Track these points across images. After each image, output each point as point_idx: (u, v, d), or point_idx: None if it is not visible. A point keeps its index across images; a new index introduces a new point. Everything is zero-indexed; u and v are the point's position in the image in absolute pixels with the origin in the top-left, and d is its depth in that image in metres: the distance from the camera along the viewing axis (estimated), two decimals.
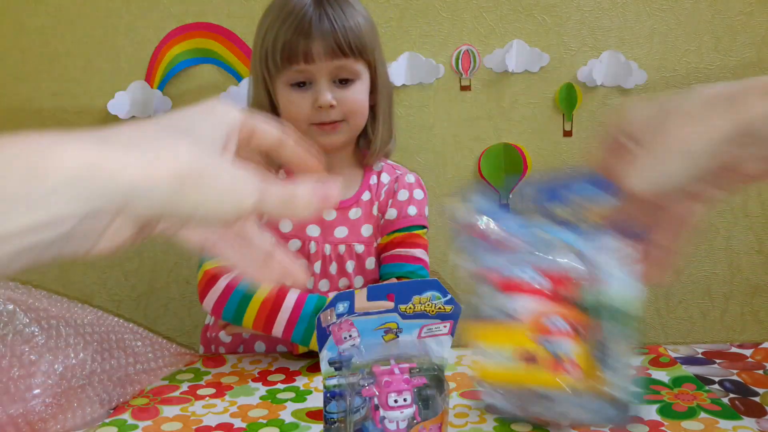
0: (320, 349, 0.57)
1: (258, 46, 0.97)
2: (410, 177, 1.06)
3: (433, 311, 0.59)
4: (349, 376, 0.56)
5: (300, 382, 0.83)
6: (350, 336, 0.57)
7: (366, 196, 1.02)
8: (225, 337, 1.04)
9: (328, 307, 0.56)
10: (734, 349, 0.88)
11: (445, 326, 0.59)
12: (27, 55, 1.48)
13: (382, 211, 1.02)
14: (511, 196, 0.47)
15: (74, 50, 1.48)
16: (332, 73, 0.93)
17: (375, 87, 0.99)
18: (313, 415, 0.73)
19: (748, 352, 0.87)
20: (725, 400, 0.74)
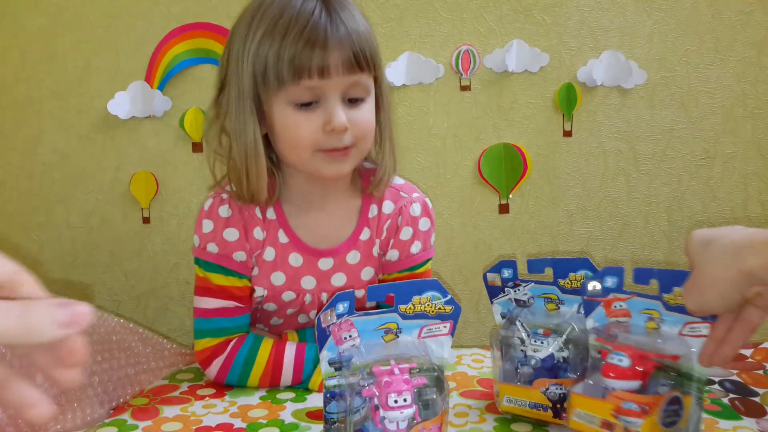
0: (320, 349, 0.57)
1: (244, 61, 0.79)
2: (416, 208, 0.90)
3: (433, 311, 0.59)
4: (349, 376, 0.56)
5: None
6: (350, 336, 0.57)
7: (365, 235, 0.89)
8: None
9: (328, 308, 0.56)
10: None
11: (445, 326, 0.59)
12: (27, 55, 1.48)
13: (384, 250, 0.90)
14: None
15: (74, 50, 1.48)
16: (345, 90, 0.79)
17: (379, 105, 0.85)
18: (313, 415, 0.73)
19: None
20: (725, 400, 0.74)
